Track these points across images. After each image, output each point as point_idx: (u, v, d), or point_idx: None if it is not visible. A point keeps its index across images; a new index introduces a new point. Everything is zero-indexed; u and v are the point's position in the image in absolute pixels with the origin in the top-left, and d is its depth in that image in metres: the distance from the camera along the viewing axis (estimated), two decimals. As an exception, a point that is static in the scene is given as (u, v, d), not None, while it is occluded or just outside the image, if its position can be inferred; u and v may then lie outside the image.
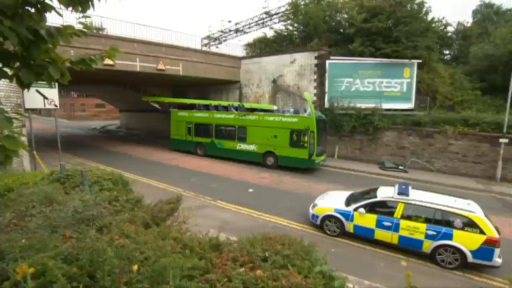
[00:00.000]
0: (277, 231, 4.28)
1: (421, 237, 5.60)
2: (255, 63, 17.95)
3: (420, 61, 14.56)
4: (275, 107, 15.07)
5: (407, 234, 5.71)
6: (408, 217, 5.80)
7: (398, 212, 5.85)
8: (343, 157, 14.72)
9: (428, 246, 5.61)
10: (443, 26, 19.72)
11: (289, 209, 7.83)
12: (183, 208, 4.00)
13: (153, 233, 2.80)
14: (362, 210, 6.18)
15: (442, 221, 5.56)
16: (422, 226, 5.62)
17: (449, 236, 5.44)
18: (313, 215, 6.76)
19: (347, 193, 7.34)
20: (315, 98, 15.58)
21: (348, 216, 6.31)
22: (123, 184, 5.00)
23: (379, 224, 5.97)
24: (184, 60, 15.26)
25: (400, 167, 12.71)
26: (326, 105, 15.19)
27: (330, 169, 13.06)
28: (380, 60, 14.64)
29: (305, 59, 15.84)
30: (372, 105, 13.95)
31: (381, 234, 5.95)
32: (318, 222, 6.64)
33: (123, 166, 11.66)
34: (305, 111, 12.73)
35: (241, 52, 19.97)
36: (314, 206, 6.92)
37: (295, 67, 16.23)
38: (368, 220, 6.11)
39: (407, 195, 5.99)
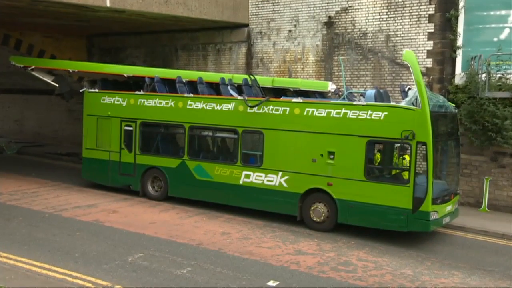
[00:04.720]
0: None
1: None
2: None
3: None
4: (330, 86, 15.12)
5: None
6: None
7: None
8: (505, 207, 14.69)
9: None
10: None
11: None
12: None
13: None
14: None
15: None
16: None
17: None
18: None
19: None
20: (429, 64, 15.64)
21: None
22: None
23: None
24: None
25: None
26: (459, 79, 15.24)
27: (469, 236, 13.12)
28: None
29: (404, -30, 16.04)
30: None
31: None
32: None
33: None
34: (405, 93, 12.79)
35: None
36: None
37: (380, -11, 16.45)
38: None
39: None
